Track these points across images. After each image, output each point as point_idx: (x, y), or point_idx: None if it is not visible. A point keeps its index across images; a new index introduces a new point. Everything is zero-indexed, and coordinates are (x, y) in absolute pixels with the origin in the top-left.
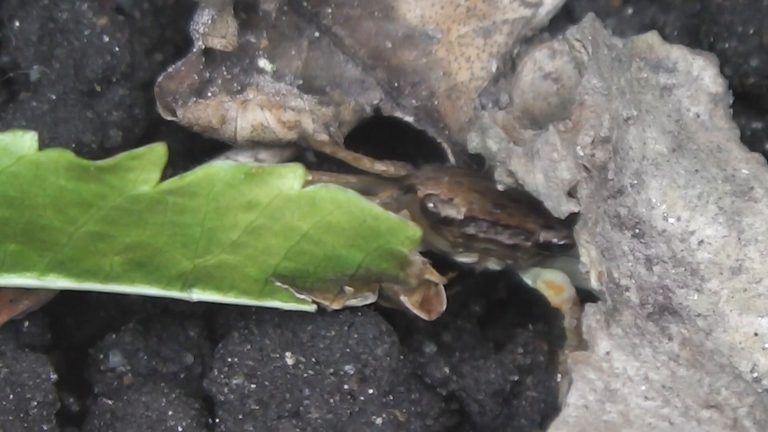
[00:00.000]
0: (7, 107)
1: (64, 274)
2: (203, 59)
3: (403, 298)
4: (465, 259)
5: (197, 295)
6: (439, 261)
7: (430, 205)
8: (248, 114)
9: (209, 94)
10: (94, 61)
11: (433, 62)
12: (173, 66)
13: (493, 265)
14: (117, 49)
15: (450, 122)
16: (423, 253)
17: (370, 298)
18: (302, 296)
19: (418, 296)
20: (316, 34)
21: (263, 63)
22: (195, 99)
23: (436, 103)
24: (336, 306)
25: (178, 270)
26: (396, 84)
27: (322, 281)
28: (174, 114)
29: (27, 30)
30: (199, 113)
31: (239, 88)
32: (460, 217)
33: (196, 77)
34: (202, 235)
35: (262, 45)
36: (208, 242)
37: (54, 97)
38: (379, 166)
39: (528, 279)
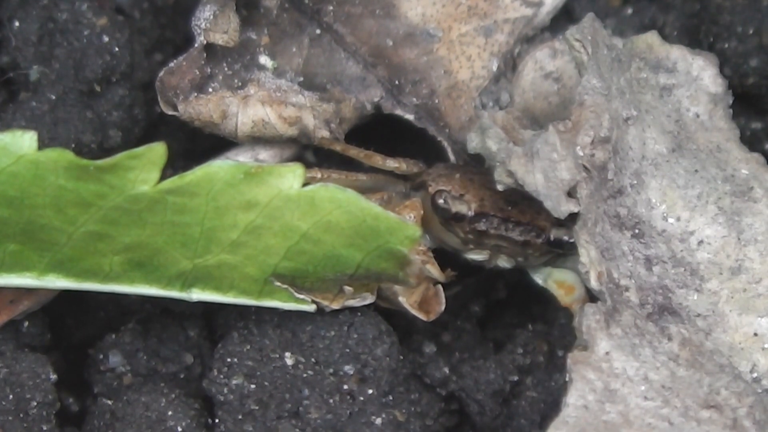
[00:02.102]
0: (7, 107)
1: (63, 274)
2: (204, 54)
3: (401, 299)
4: (476, 256)
5: (197, 295)
6: (448, 262)
7: (441, 201)
8: (249, 109)
9: (210, 90)
10: (93, 61)
11: (433, 61)
12: (174, 61)
13: (504, 262)
14: (117, 49)
15: (450, 121)
16: (433, 251)
17: (368, 299)
18: (302, 296)
19: (416, 296)
20: (317, 31)
21: (264, 60)
22: (196, 94)
23: (436, 101)
24: (335, 306)
25: (177, 270)
26: (397, 82)
27: (322, 281)
28: (175, 109)
29: (27, 30)
30: (200, 108)
31: (240, 84)
32: (471, 213)
33: (198, 72)
34: (202, 234)
35: (263, 42)
36: (208, 242)
37: (54, 97)
38: (392, 163)
39: (539, 278)
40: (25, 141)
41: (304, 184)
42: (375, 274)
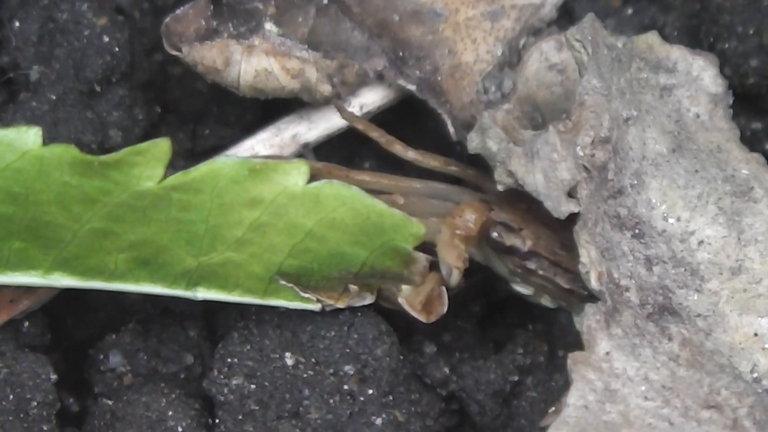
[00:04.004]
0: (7, 107)
1: (68, 273)
2: (211, 7)
3: (401, 300)
4: (521, 289)
5: (202, 293)
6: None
7: (495, 234)
8: (253, 58)
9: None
10: (94, 62)
11: (439, 40)
12: (181, 9)
13: (547, 302)
14: (117, 49)
15: (452, 99)
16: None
17: (368, 299)
18: (307, 295)
19: (421, 297)
20: (325, 1)
21: (270, 26)
22: (200, 43)
23: (439, 78)
24: (341, 305)
25: (182, 268)
26: (401, 53)
27: (327, 279)
28: (179, 51)
29: (27, 30)
30: (204, 53)
31: (246, 42)
32: (524, 249)
33: (203, 23)
34: (207, 232)
35: (269, 12)
36: (213, 239)
37: (54, 97)
38: (412, 154)
39: (578, 323)
40: (29, 137)
41: (309, 181)
42: (380, 272)
